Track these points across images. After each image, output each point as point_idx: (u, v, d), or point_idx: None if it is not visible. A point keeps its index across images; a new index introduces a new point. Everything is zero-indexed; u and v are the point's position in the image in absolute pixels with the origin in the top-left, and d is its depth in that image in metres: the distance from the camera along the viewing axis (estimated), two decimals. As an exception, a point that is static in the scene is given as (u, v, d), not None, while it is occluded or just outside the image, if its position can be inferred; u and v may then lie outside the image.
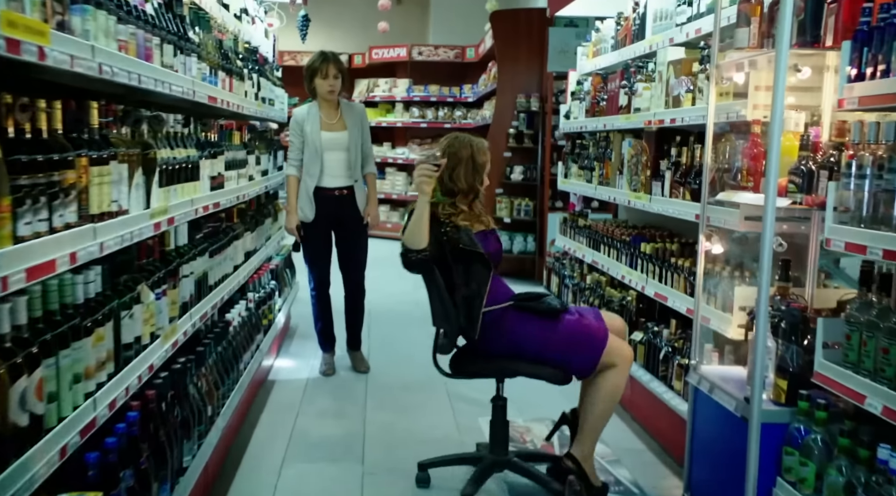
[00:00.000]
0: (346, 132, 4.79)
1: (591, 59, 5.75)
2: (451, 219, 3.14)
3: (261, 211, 5.04)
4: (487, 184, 3.36)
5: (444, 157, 3.12)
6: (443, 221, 3.12)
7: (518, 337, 3.13)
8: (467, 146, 3.24)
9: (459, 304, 3.10)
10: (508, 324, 3.14)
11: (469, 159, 3.23)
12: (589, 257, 5.35)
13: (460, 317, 3.10)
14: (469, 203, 3.28)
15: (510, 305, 3.17)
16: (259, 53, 4.71)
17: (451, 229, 3.10)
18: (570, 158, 6.08)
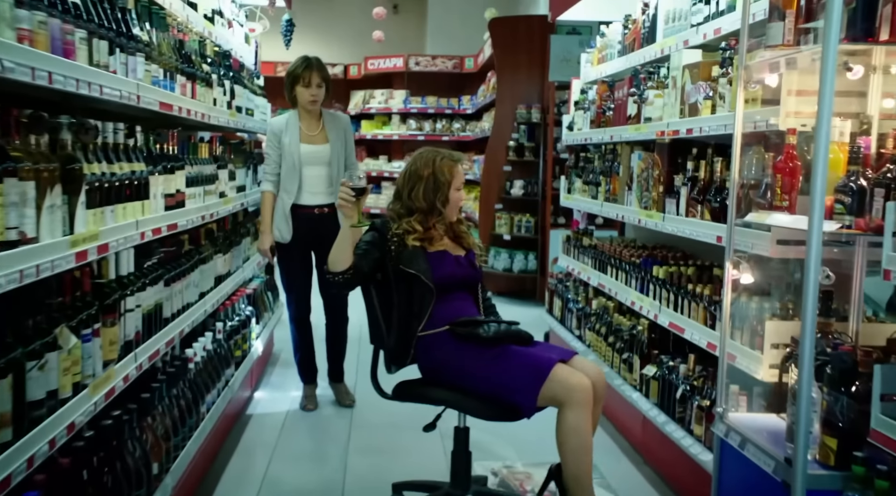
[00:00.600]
0: (327, 145, 4.38)
1: (596, 66, 5.35)
2: (404, 237, 3.04)
3: (237, 230, 4.62)
4: (461, 200, 3.18)
5: (367, 184, 3.05)
6: (389, 237, 3.04)
7: (454, 365, 2.94)
8: (429, 164, 3.10)
9: (395, 325, 3.03)
10: (443, 350, 2.96)
11: (429, 178, 3.08)
12: (595, 280, 4.93)
13: (391, 338, 3.03)
14: (432, 222, 3.13)
15: (445, 330, 2.98)
16: (233, 58, 4.31)
17: (397, 247, 3.02)
18: (573, 172, 5.66)
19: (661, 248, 4.56)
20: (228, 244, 4.27)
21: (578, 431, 2.74)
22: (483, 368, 2.87)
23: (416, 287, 2.98)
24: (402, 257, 2.99)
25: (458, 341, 2.95)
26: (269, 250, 4.37)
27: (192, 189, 3.35)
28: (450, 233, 3.20)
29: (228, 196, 4.11)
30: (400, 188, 3.17)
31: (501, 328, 2.95)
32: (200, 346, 3.46)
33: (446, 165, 3.09)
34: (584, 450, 2.75)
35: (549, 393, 2.76)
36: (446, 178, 3.08)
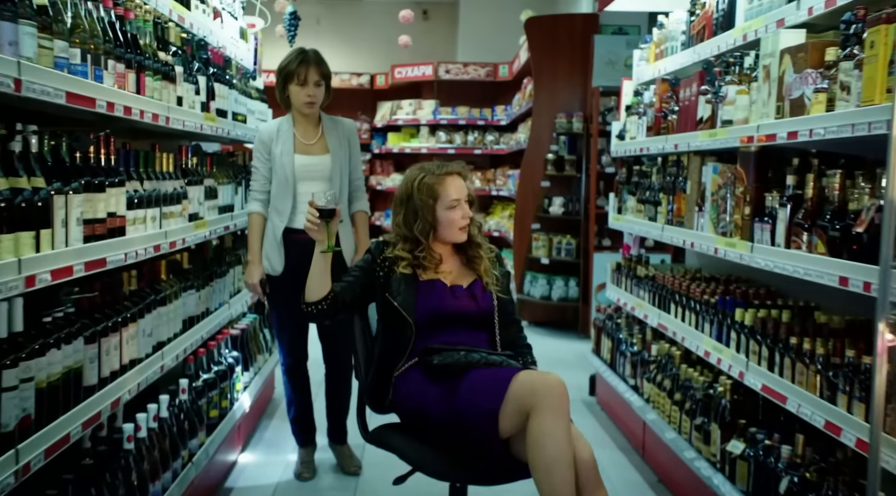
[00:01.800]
0: (327, 156, 3.60)
1: (654, 63, 4.51)
2: (394, 263, 2.74)
3: (221, 259, 3.85)
4: (460, 218, 2.75)
5: (336, 204, 2.69)
6: (378, 262, 2.75)
7: (415, 405, 2.59)
8: (408, 186, 2.76)
9: (375, 361, 2.77)
10: (408, 388, 2.63)
11: (408, 202, 2.76)
12: (653, 319, 4.06)
13: (369, 376, 2.76)
14: (423, 248, 2.75)
15: (413, 364, 2.66)
16: (212, 50, 3.55)
17: (385, 273, 2.73)
18: (625, 189, 4.81)
19: (736, 281, 3.70)
20: (207, 277, 3.50)
21: (551, 439, 2.26)
22: (438, 404, 2.50)
23: (398, 320, 2.69)
24: (390, 285, 2.72)
25: (421, 377, 2.61)
26: (258, 284, 3.58)
27: (139, 212, 2.57)
28: (462, 257, 2.83)
29: (204, 218, 3.34)
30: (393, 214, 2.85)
31: (466, 356, 2.53)
32: (149, 416, 2.66)
33: (427, 184, 2.72)
34: (560, 463, 2.25)
35: (513, 404, 2.34)
36: (426, 200, 2.71)
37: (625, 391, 4.28)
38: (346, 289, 2.74)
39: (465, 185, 2.78)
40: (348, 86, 11.41)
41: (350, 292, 2.74)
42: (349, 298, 2.74)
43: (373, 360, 2.78)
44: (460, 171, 2.77)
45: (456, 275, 2.78)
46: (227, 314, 3.80)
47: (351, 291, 2.74)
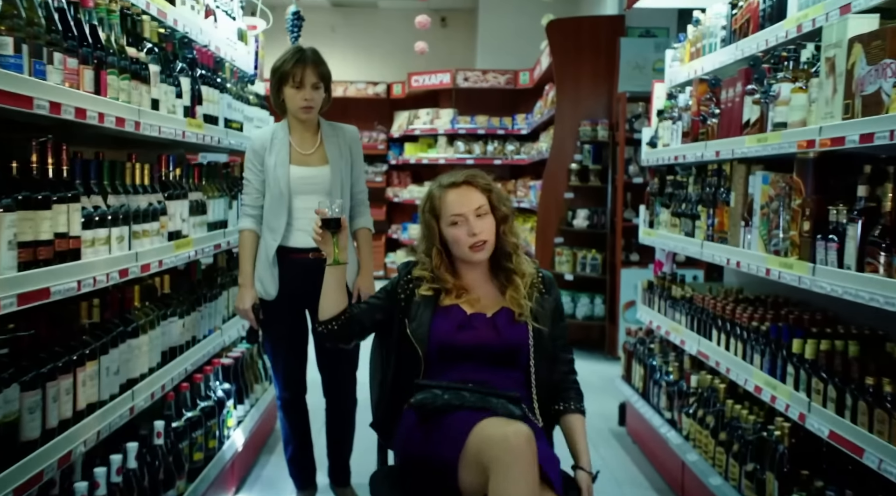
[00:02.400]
0: (326, 168, 3.23)
1: (689, 63, 4.11)
2: (418, 286, 2.43)
3: (212, 280, 3.49)
4: (464, 236, 2.38)
5: (342, 214, 2.49)
6: (402, 283, 2.47)
7: (398, 448, 2.38)
8: (425, 200, 2.49)
9: (387, 392, 2.47)
10: (402, 424, 2.37)
11: (420, 217, 2.50)
12: (692, 345, 3.65)
13: (379, 408, 2.50)
14: (447, 270, 2.44)
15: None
16: (199, 49, 3.19)
17: (407, 296, 2.44)
18: (657, 201, 4.40)
19: (786, 304, 3.29)
20: (194, 302, 3.14)
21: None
22: (413, 448, 2.27)
23: (411, 350, 2.40)
24: (409, 309, 2.43)
25: (411, 416, 2.32)
26: (249, 310, 3.21)
27: (101, 231, 2.21)
28: (499, 281, 2.45)
29: (189, 237, 2.98)
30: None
31: (444, 396, 2.23)
32: (112, 469, 2.29)
33: (430, 199, 2.45)
34: None
35: (472, 458, 2.07)
36: (429, 217, 2.44)
37: (660, 425, 3.86)
38: (366, 312, 2.48)
39: (478, 195, 2.40)
40: (364, 95, 11.09)
41: (369, 315, 2.48)
42: (368, 322, 2.47)
43: (385, 392, 2.49)
44: (470, 181, 2.41)
45: (485, 303, 2.42)
46: (218, 342, 3.44)
47: (370, 314, 2.48)
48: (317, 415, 3.45)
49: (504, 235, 2.42)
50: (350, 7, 11.53)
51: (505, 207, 2.43)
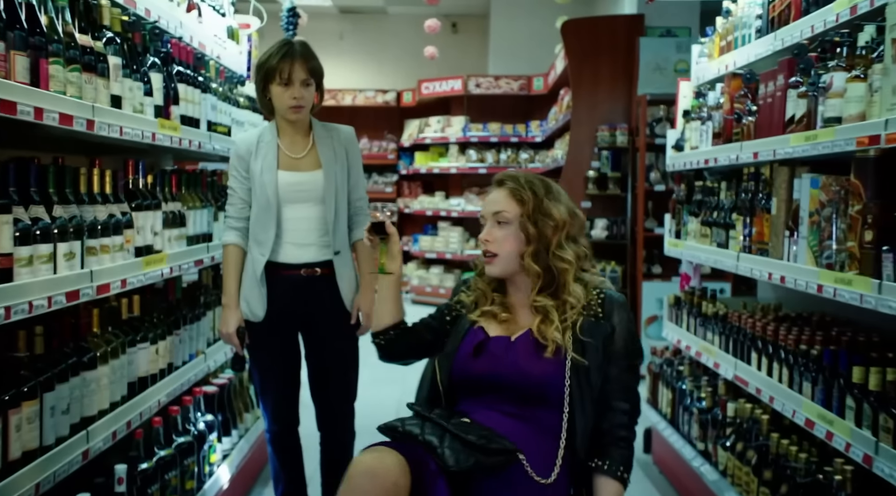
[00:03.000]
0: (319, 172, 2.90)
1: (719, 58, 3.75)
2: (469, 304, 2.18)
3: (194, 299, 3.16)
4: (486, 240, 2.11)
5: (391, 218, 1.72)
6: (452, 303, 2.22)
7: None
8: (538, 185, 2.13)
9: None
10: None
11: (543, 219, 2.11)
12: (728, 369, 3.28)
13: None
14: (491, 285, 2.16)
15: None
16: (174, 43, 2.86)
17: (453, 318, 2.20)
18: (684, 209, 4.04)
19: (834, 323, 2.92)
20: (171, 324, 2.81)
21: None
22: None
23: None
24: (450, 331, 2.18)
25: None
26: (234, 334, 2.87)
27: (42, 247, 1.88)
28: (535, 303, 2.09)
29: (162, 252, 2.65)
30: None
31: (419, 431, 1.94)
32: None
33: (555, 194, 2.15)
34: None
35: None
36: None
37: (692, 457, 3.49)
38: (420, 329, 2.23)
39: (505, 200, 2.09)
40: (373, 103, 10.80)
41: (421, 334, 2.22)
42: (419, 340, 2.21)
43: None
44: (504, 180, 2.13)
45: (522, 324, 2.09)
46: (201, 368, 3.10)
47: (422, 333, 2.22)
48: (310, 450, 3.10)
49: (538, 257, 2.05)
50: (358, 13, 11.26)
51: (546, 227, 2.05)
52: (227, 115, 3.40)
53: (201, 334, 3.12)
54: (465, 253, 9.30)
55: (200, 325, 3.10)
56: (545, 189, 2.10)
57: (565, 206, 2.09)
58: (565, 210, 2.09)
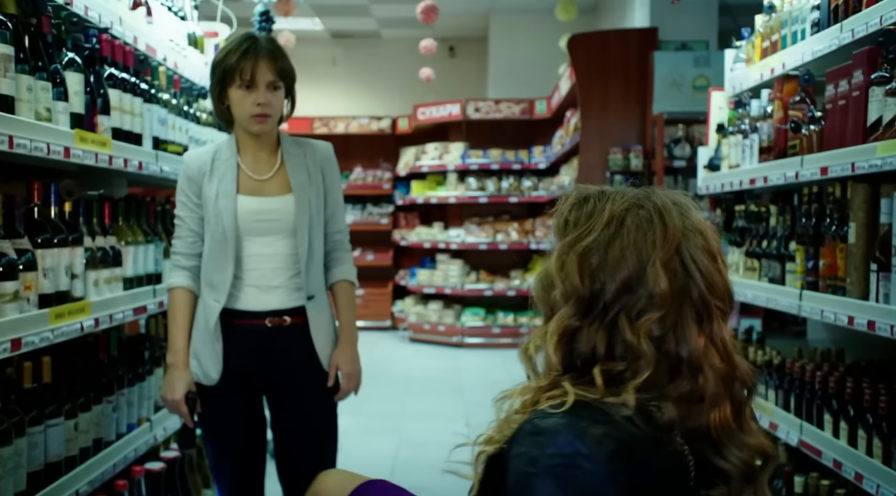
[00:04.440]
0: (289, 197, 2.34)
1: (762, 61, 3.21)
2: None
3: (137, 355, 2.58)
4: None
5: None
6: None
7: None
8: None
9: None
10: None
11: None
12: (790, 433, 2.69)
13: None
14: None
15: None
16: (109, 40, 2.31)
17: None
18: (723, 238, 3.47)
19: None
20: (102, 389, 2.22)
21: None
22: None
23: None
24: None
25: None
26: (181, 401, 2.28)
27: None
28: None
29: (86, 299, 2.07)
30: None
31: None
32: None
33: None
34: None
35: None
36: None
37: (748, 539, 2.88)
38: None
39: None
40: (368, 131, 10.29)
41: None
42: None
43: None
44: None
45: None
46: (145, 439, 2.51)
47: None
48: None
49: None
50: (351, 38, 10.80)
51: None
52: (182, 131, 2.85)
53: (146, 398, 2.54)
54: (466, 287, 8.73)
55: (144, 387, 2.52)
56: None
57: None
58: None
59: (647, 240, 1.21)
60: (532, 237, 8.61)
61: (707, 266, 1.22)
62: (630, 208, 1.25)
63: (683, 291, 1.20)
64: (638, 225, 1.22)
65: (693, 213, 1.28)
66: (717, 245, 1.26)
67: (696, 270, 1.20)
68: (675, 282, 1.19)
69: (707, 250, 1.23)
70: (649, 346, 1.16)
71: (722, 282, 1.23)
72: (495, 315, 8.57)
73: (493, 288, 8.70)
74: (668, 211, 1.24)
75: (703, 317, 1.20)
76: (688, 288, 1.20)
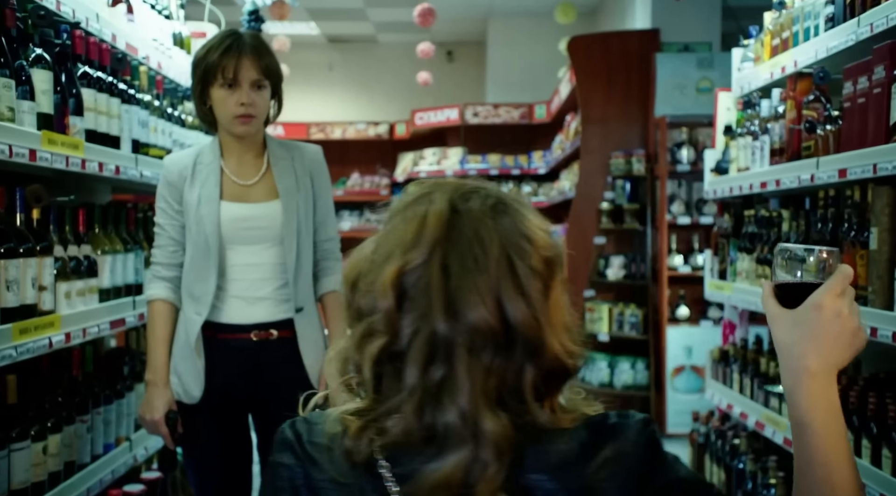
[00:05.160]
0: (276, 203, 2.20)
1: (773, 59, 3.08)
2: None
3: (116, 372, 2.44)
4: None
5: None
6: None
7: None
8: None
9: None
10: None
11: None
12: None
13: None
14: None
15: None
16: (83, 36, 2.17)
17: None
18: (731, 245, 3.34)
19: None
20: (74, 408, 2.08)
21: None
22: None
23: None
24: None
25: None
26: (162, 421, 2.14)
27: None
28: None
29: (56, 313, 1.93)
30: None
31: None
32: None
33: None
34: None
35: None
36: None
37: (762, 562, 2.74)
38: None
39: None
40: (365, 137, 10.16)
41: None
42: None
43: None
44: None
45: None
46: (123, 460, 2.37)
47: None
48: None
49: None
50: (348, 42, 10.68)
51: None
52: (165, 134, 2.71)
53: (125, 416, 2.39)
54: (465, 295, 8.57)
55: (122, 405, 2.37)
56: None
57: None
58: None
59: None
60: (532, 243, 8.49)
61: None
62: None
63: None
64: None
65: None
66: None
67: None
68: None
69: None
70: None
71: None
72: (495, 323, 8.43)
73: (493, 295, 8.56)
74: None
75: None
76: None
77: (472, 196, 1.01)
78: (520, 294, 0.94)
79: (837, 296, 1.01)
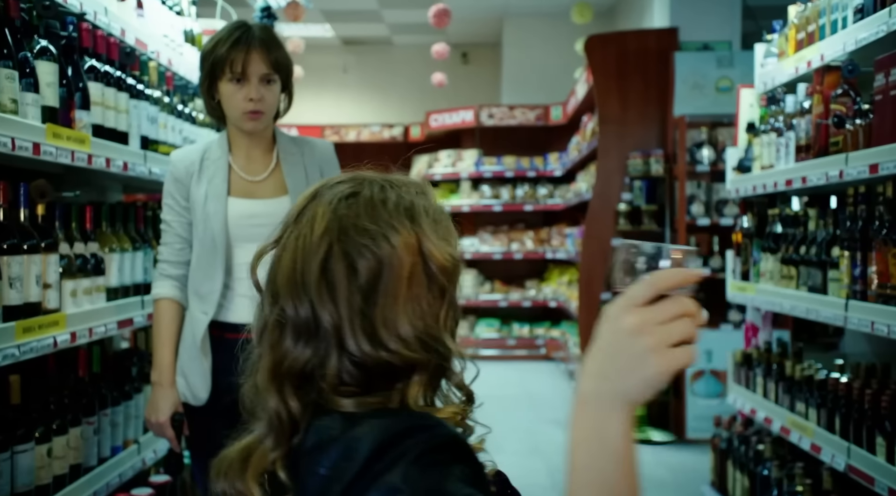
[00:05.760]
0: (285, 199, 2.14)
1: (798, 54, 2.99)
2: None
3: (124, 372, 2.39)
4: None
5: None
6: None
7: None
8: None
9: None
10: None
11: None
12: (836, 457, 2.46)
13: None
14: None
15: None
16: (91, 29, 2.12)
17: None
18: (754, 245, 3.26)
19: None
20: (83, 409, 2.03)
21: None
22: None
23: None
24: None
25: None
26: (167, 424, 2.08)
27: None
28: None
29: (61, 311, 1.88)
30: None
31: None
32: None
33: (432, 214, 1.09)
34: None
35: None
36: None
37: (789, 572, 2.65)
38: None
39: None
40: (379, 139, 10.13)
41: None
42: None
43: None
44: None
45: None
46: (132, 463, 2.31)
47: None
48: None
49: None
50: (362, 45, 10.65)
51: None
52: (175, 131, 2.66)
53: (132, 418, 2.34)
54: (480, 297, 8.51)
55: (131, 406, 2.32)
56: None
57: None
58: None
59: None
60: (548, 246, 8.39)
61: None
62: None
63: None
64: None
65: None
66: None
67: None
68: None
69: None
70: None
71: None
72: (510, 326, 8.35)
73: (508, 298, 8.49)
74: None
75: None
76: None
77: (357, 185, 1.00)
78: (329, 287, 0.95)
79: (635, 307, 0.82)
